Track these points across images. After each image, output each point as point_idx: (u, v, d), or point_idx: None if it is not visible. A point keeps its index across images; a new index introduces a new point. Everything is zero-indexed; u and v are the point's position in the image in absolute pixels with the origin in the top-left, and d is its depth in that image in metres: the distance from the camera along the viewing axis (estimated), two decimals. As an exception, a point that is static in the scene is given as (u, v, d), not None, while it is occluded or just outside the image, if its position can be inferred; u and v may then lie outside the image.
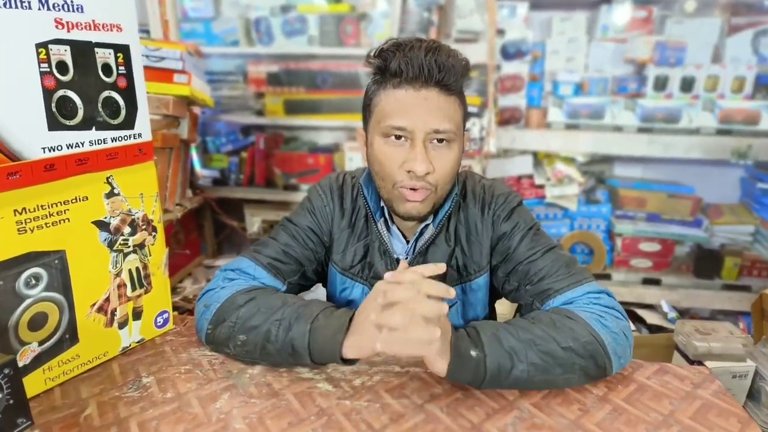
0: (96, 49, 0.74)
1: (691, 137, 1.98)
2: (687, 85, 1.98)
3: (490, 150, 1.93)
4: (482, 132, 1.93)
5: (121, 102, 0.79)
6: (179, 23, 2.06)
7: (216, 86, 2.14)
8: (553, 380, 0.71)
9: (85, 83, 0.73)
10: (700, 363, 1.32)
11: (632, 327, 1.87)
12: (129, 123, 0.80)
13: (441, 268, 0.68)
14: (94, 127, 0.75)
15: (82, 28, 0.72)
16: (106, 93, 0.76)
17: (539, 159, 2.16)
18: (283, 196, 2.18)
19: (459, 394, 0.73)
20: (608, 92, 2.02)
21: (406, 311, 0.61)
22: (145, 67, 1.57)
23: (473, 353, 0.68)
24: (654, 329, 1.84)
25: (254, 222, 2.19)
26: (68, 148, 0.73)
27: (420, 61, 0.74)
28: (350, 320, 0.72)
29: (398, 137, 0.78)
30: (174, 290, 1.32)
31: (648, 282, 2.11)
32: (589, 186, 2.15)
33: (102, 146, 0.77)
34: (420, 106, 0.76)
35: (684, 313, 2.05)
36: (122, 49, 0.78)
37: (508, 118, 2.08)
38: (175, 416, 0.69)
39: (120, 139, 0.79)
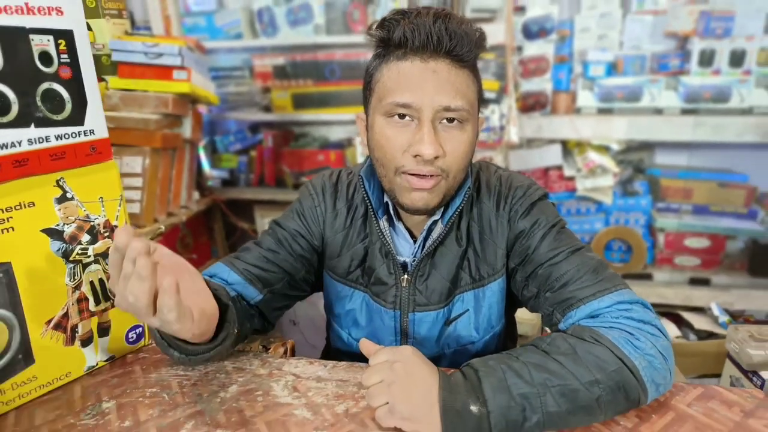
0: (31, 36, 0.67)
1: (744, 118, 1.87)
2: (737, 59, 1.86)
3: (511, 139, 1.83)
4: (502, 120, 1.82)
5: (65, 95, 0.72)
6: (181, 18, 2.05)
7: (221, 83, 2.14)
8: (576, 423, 0.61)
9: (19, 74, 0.66)
10: (755, 373, 1.16)
11: (678, 333, 1.76)
12: (77, 119, 0.74)
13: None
14: (32, 124, 0.69)
15: (12, 12, 0.65)
16: (45, 85, 0.69)
17: (569, 148, 2.07)
18: (294, 196, 2.13)
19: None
20: (646, 71, 1.93)
21: None
22: (143, 65, 1.59)
23: (473, 408, 0.57)
24: (703, 335, 1.73)
25: (265, 224, 2.16)
26: (2, 148, 0.66)
27: (428, 28, 0.67)
28: None
29: (402, 116, 0.70)
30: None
31: (696, 282, 2.01)
32: (625, 176, 2.05)
33: (44, 145, 0.70)
34: (428, 79, 0.68)
35: (738, 317, 1.92)
36: (64, 35, 0.70)
37: (532, 104, 1.99)
38: (127, 450, 0.62)
39: (66, 136, 0.73)
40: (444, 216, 0.78)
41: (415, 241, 0.81)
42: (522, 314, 1.16)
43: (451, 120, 0.70)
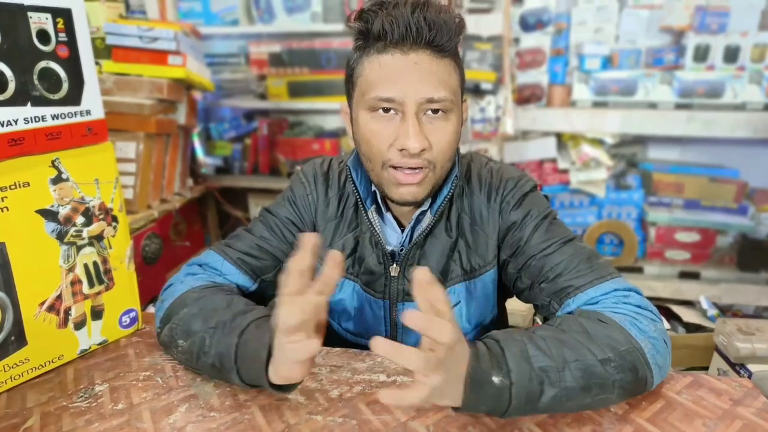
0: (29, 13, 0.66)
1: (736, 114, 1.87)
2: (731, 55, 1.87)
3: (506, 131, 1.83)
4: (498, 111, 1.82)
5: (63, 74, 0.71)
6: (177, 2, 2.03)
7: (217, 69, 2.11)
8: (588, 403, 0.60)
9: (17, 52, 0.66)
10: (742, 366, 1.18)
11: (667, 326, 1.79)
12: (73, 98, 0.73)
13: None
14: (29, 103, 0.68)
15: (9, -11, 0.64)
16: (42, 63, 0.69)
17: (563, 141, 2.08)
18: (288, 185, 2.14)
19: (451, 410, 0.63)
20: (641, 65, 1.93)
21: None
22: (138, 49, 1.58)
23: (496, 380, 0.56)
24: (692, 328, 1.76)
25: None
26: (-3, 126, 0.65)
27: (406, 19, 0.65)
28: None
29: (386, 110, 0.69)
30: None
31: (685, 276, 2.02)
32: (618, 170, 2.06)
33: (40, 124, 0.70)
34: (410, 71, 0.67)
35: (726, 311, 1.95)
36: (62, 14, 0.70)
37: (528, 96, 1.98)
38: (121, 432, 0.62)
39: (63, 116, 0.73)
40: (432, 206, 0.78)
41: (403, 231, 0.81)
42: (513, 306, 1.15)
43: (435, 111, 0.69)
